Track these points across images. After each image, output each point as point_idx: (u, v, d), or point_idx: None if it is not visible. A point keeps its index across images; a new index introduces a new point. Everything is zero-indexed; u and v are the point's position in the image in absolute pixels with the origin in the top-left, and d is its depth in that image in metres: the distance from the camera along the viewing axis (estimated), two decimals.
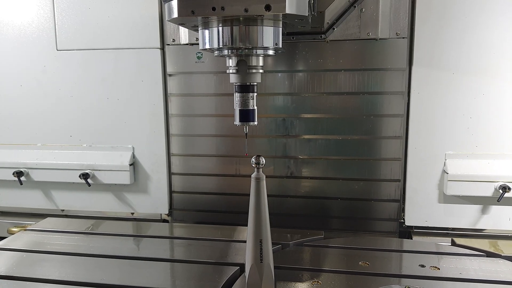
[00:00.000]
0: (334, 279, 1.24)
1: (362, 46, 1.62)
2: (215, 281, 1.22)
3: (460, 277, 1.24)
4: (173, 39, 1.74)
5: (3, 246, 1.50)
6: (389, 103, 1.65)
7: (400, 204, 1.71)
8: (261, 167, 1.08)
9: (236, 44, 1.18)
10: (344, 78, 1.66)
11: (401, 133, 1.66)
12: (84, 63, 1.81)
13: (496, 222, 1.64)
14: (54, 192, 1.94)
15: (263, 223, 1.07)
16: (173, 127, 1.82)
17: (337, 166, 1.73)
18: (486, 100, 1.58)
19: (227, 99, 1.74)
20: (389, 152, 1.68)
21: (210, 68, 1.74)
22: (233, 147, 1.79)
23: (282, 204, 1.79)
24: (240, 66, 1.24)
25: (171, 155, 1.84)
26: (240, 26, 1.16)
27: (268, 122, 1.74)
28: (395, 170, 1.68)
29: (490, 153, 1.61)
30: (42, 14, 1.80)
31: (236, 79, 1.26)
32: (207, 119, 1.79)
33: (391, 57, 1.61)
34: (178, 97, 1.79)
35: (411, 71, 1.61)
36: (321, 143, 1.72)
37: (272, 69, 1.70)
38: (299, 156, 1.75)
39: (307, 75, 1.68)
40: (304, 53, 1.67)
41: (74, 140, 1.88)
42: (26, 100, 1.88)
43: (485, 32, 1.54)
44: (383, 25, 1.59)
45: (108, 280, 1.24)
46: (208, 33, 1.22)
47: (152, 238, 1.59)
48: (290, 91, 1.71)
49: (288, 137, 1.74)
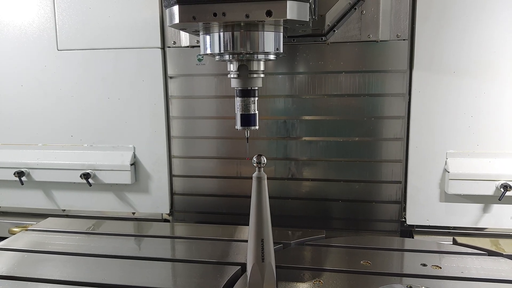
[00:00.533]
0: (336, 278, 1.24)
1: (363, 48, 1.62)
2: (216, 280, 1.22)
3: (461, 276, 1.24)
4: (174, 42, 1.74)
5: (4, 246, 1.51)
6: (390, 105, 1.65)
7: (401, 205, 1.71)
8: (262, 167, 1.08)
9: (237, 49, 1.18)
10: (344, 80, 1.66)
11: (402, 134, 1.66)
12: (85, 62, 1.81)
13: (498, 221, 1.64)
14: (55, 192, 1.94)
15: (265, 222, 1.07)
16: (174, 129, 1.82)
17: (338, 168, 1.73)
18: (487, 99, 1.58)
19: (228, 101, 1.74)
20: (390, 154, 1.68)
21: (211, 71, 1.74)
22: (233, 149, 1.79)
23: (283, 206, 1.79)
24: (241, 71, 1.24)
25: (172, 157, 1.84)
26: (241, 32, 1.16)
27: (269, 124, 1.74)
28: (396, 171, 1.68)
29: (491, 152, 1.61)
30: (43, 14, 1.80)
31: (237, 84, 1.26)
32: (208, 121, 1.79)
33: (391, 59, 1.61)
34: (179, 99, 1.79)
35: (412, 73, 1.61)
36: (322, 145, 1.72)
37: (273, 71, 1.70)
38: (300, 158, 1.75)
39: (308, 77, 1.68)
40: (305, 55, 1.67)
41: (75, 140, 1.88)
42: (26, 100, 1.88)
43: (485, 32, 1.54)
44: (384, 27, 1.59)
45: (109, 280, 1.24)
46: (209, 38, 1.22)
47: (153, 238, 1.58)
48: (291, 93, 1.71)
49: (289, 139, 1.74)
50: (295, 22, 1.13)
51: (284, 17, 1.06)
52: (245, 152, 1.36)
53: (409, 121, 1.65)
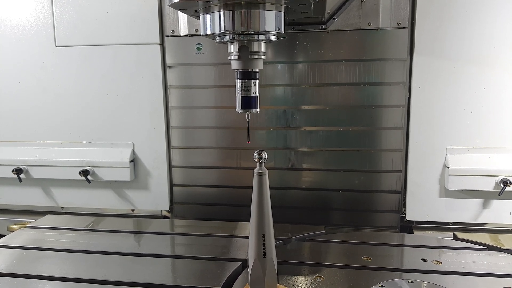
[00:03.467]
0: (337, 273, 1.24)
1: (363, 36, 1.62)
2: (217, 276, 1.22)
3: (462, 271, 1.25)
4: (173, 31, 1.72)
5: (3, 243, 1.50)
6: (390, 93, 1.64)
7: (401, 195, 1.70)
8: (263, 162, 1.07)
9: (238, 29, 1.15)
10: (344, 69, 1.65)
11: (402, 123, 1.65)
12: (83, 59, 1.79)
13: (497, 216, 1.64)
14: (54, 189, 1.93)
15: (266, 218, 1.07)
16: (173, 119, 1.81)
17: (338, 157, 1.72)
18: (487, 94, 1.58)
19: (228, 90, 1.73)
20: (390, 143, 1.68)
21: (210, 60, 1.72)
22: (233, 139, 1.78)
23: (283, 197, 1.79)
24: (242, 52, 1.21)
25: (171, 148, 1.83)
26: (242, 10, 1.13)
27: (268, 114, 1.73)
28: (396, 161, 1.68)
29: (491, 147, 1.61)
30: (40, 10, 1.78)
31: (238, 65, 1.24)
32: (207, 111, 1.78)
33: (392, 47, 1.61)
34: (178, 89, 1.78)
35: (412, 61, 1.61)
36: (322, 135, 1.72)
37: (272, 60, 1.69)
38: (300, 148, 1.74)
39: (308, 66, 1.67)
40: (305, 44, 1.66)
41: (74, 137, 1.87)
42: (25, 96, 1.87)
43: (486, 23, 1.53)
44: (384, 15, 1.58)
45: (109, 277, 1.24)
46: (209, 18, 1.19)
47: (153, 235, 1.58)
48: (291, 82, 1.70)
49: (289, 128, 1.73)
50: (297, 1, 1.11)
51: None
52: (245, 141, 1.34)
53: (409, 112, 1.64)
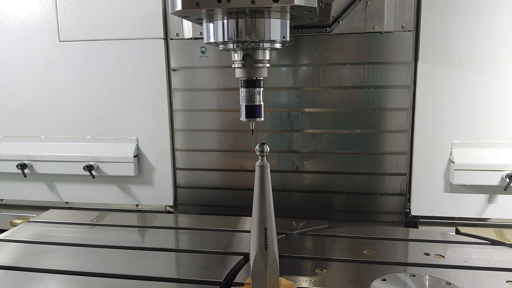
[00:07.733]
0: (339, 267, 1.23)
1: (368, 39, 1.61)
2: (219, 270, 1.22)
3: (464, 265, 1.24)
4: (177, 34, 1.73)
5: (6, 237, 1.50)
6: (394, 96, 1.63)
7: (405, 198, 1.70)
8: (265, 155, 1.06)
9: (242, 38, 1.13)
10: (349, 72, 1.64)
11: (406, 126, 1.64)
12: (87, 54, 1.80)
13: (503, 211, 1.63)
14: (58, 185, 1.94)
15: (268, 211, 1.06)
16: (177, 122, 1.81)
17: (342, 160, 1.72)
18: (493, 88, 1.56)
19: (232, 93, 1.74)
20: (395, 146, 1.67)
21: (214, 63, 1.73)
22: (237, 142, 1.78)
23: (287, 199, 1.79)
24: (246, 60, 1.20)
25: (176, 150, 1.84)
26: (246, 19, 1.12)
27: (272, 117, 1.73)
28: (401, 164, 1.67)
29: (497, 142, 1.59)
30: (44, 5, 1.79)
31: (242, 74, 1.22)
32: (211, 114, 1.78)
33: (396, 50, 1.60)
34: (182, 92, 1.78)
35: (417, 64, 1.60)
36: (326, 138, 1.71)
37: (277, 63, 1.69)
38: (304, 151, 1.74)
39: (312, 69, 1.67)
40: (309, 47, 1.66)
41: (78, 132, 1.88)
42: (29, 92, 1.88)
43: (490, 22, 1.52)
44: (389, 18, 1.58)
45: (112, 270, 1.24)
46: (212, 26, 1.17)
47: (157, 229, 1.58)
48: (295, 85, 1.70)
49: (293, 131, 1.73)
50: (303, 9, 1.10)
51: (292, 3, 1.01)
52: (248, 145, 1.34)
53: (414, 113, 1.63)
